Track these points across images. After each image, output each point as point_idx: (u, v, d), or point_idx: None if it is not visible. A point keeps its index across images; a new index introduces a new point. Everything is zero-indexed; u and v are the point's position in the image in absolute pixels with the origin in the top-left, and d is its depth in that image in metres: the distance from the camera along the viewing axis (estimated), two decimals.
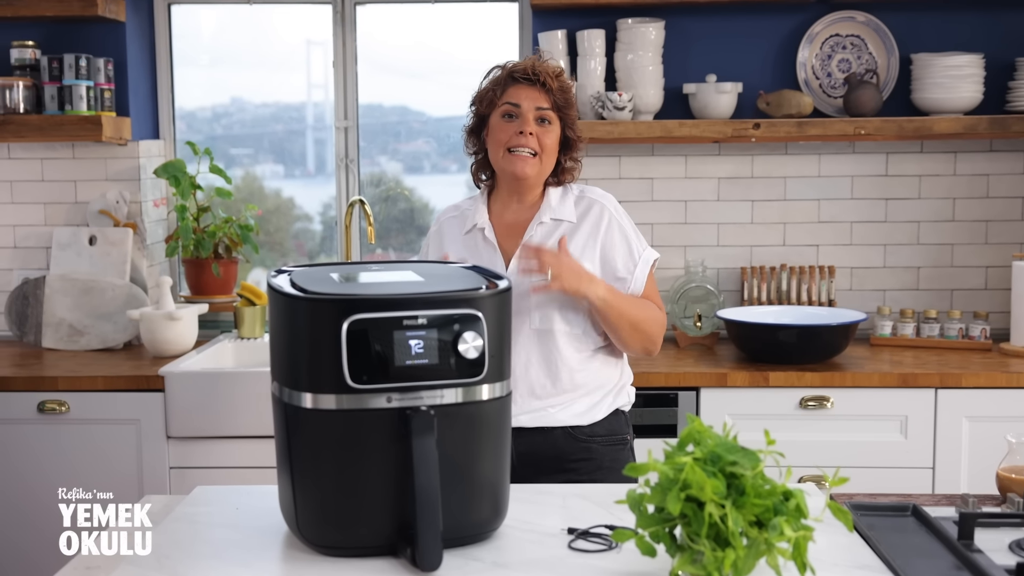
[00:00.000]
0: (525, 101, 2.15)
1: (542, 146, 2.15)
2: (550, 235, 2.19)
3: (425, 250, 2.32)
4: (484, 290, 1.51)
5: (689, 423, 1.40)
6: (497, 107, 2.18)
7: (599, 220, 2.19)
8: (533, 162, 2.15)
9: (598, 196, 2.24)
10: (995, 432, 2.70)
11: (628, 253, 2.20)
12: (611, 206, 2.23)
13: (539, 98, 2.16)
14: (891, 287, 3.48)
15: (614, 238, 2.19)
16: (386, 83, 3.74)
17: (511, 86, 2.18)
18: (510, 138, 2.15)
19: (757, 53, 3.41)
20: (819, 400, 2.92)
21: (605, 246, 2.18)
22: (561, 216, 2.20)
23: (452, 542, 1.49)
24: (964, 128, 3.20)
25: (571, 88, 2.22)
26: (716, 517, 1.28)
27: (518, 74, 2.17)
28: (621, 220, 2.22)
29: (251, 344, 3.34)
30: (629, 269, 2.19)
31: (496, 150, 2.18)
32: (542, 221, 2.20)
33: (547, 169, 2.19)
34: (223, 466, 2.91)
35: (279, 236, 3.94)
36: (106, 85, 3.34)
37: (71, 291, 3.35)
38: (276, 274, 1.59)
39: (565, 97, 2.18)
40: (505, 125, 2.16)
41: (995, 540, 1.54)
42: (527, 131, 2.14)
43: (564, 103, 2.18)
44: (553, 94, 2.16)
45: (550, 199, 2.22)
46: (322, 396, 1.45)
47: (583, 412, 2.16)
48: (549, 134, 2.16)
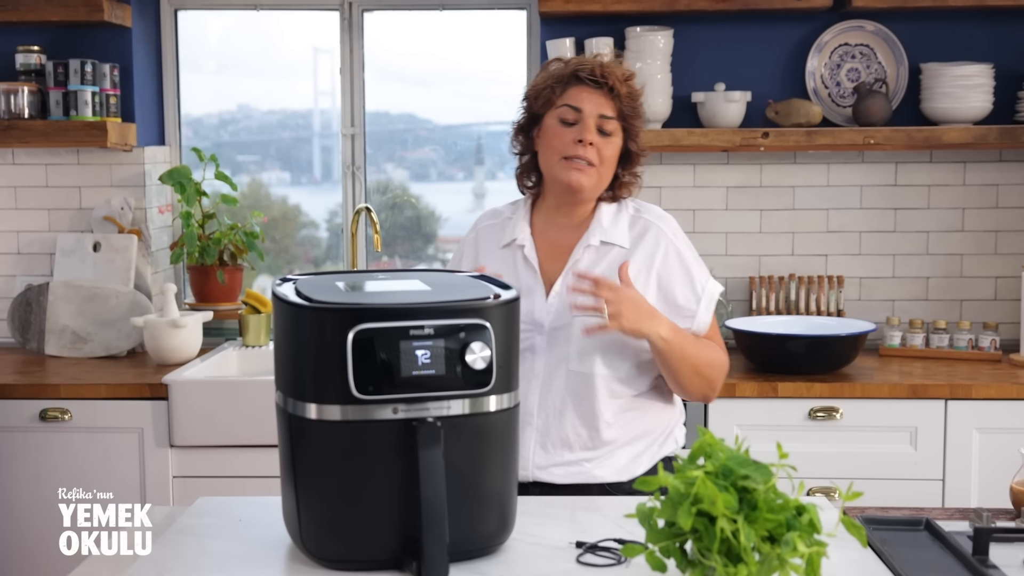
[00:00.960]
0: (588, 106, 1.92)
1: (601, 158, 1.93)
2: (599, 261, 1.96)
3: (458, 257, 2.10)
4: (492, 299, 1.49)
5: (700, 436, 1.38)
6: (554, 107, 1.94)
7: (655, 246, 1.96)
8: (590, 173, 1.92)
9: (655, 217, 2.00)
10: (1005, 444, 2.68)
11: (690, 286, 1.96)
12: (670, 230, 1.99)
13: (604, 104, 1.93)
14: (900, 297, 3.45)
15: (672, 268, 1.95)
16: (393, 91, 3.73)
17: (573, 86, 1.94)
18: (566, 146, 1.92)
19: (766, 62, 3.40)
20: (828, 411, 2.89)
21: (662, 277, 1.95)
22: (612, 239, 1.97)
23: (458, 556, 1.47)
24: (974, 138, 3.18)
25: (640, 95, 1.98)
26: (728, 532, 1.26)
27: (583, 73, 1.93)
28: (680, 247, 1.98)
29: (256, 352, 3.32)
30: (691, 305, 1.96)
31: (549, 156, 1.95)
32: (590, 244, 1.97)
33: (603, 183, 1.97)
34: (226, 475, 2.89)
35: (285, 243, 3.93)
36: (111, 91, 3.33)
37: (75, 298, 3.34)
38: (281, 282, 1.57)
39: (633, 105, 1.95)
40: (562, 130, 1.93)
41: (1010, 556, 1.52)
42: (586, 140, 1.91)
43: (631, 112, 1.95)
44: (620, 101, 1.93)
45: (601, 218, 1.99)
46: (327, 407, 1.43)
47: (624, 466, 1.93)
48: (610, 145, 1.94)
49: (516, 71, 3.58)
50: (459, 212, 3.84)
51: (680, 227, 2.02)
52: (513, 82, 3.60)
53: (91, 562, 1.53)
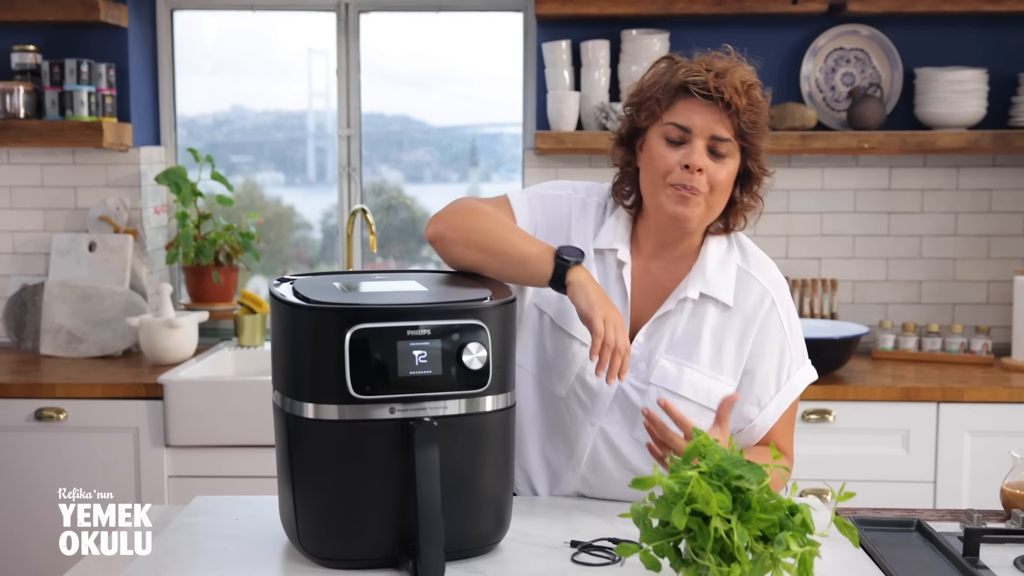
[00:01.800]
0: (698, 124, 1.63)
1: (712, 186, 1.64)
2: (693, 323, 1.70)
3: (524, 205, 1.76)
4: (489, 300, 1.50)
5: (694, 436, 1.39)
6: (659, 122, 1.66)
7: (756, 314, 1.70)
8: (696, 203, 1.64)
9: (767, 281, 1.72)
10: (997, 447, 2.70)
11: (775, 371, 1.70)
12: (779, 297, 1.72)
13: (718, 122, 1.63)
14: (893, 301, 3.47)
15: (767, 346, 1.70)
16: (388, 92, 3.73)
17: (681, 99, 1.65)
18: (671, 170, 1.64)
19: (761, 66, 3.39)
20: (821, 413, 2.91)
21: (754, 354, 1.70)
22: (714, 292, 1.70)
23: (454, 555, 1.47)
24: (967, 143, 3.20)
25: (764, 107, 1.67)
26: (722, 532, 1.27)
27: (694, 86, 1.63)
28: (785, 321, 1.71)
29: (251, 352, 3.33)
30: (766, 394, 1.71)
31: (651, 179, 1.67)
32: (686, 296, 1.70)
33: (714, 212, 1.68)
34: (223, 475, 2.89)
35: (279, 244, 3.93)
36: (107, 91, 3.34)
37: (70, 298, 3.34)
38: (279, 283, 1.58)
39: (754, 121, 1.65)
40: (667, 152, 1.65)
41: (1000, 556, 1.53)
42: (694, 167, 1.62)
43: (752, 130, 1.65)
44: (739, 117, 1.63)
45: (706, 261, 1.71)
46: (324, 406, 1.43)
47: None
48: (723, 170, 1.64)
49: (512, 73, 3.59)
50: None
51: (789, 292, 1.76)
52: (508, 85, 3.61)
53: (87, 561, 1.53)
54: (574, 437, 1.75)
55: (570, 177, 2.29)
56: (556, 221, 1.75)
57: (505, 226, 1.68)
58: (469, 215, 1.69)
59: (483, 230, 1.66)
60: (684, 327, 1.71)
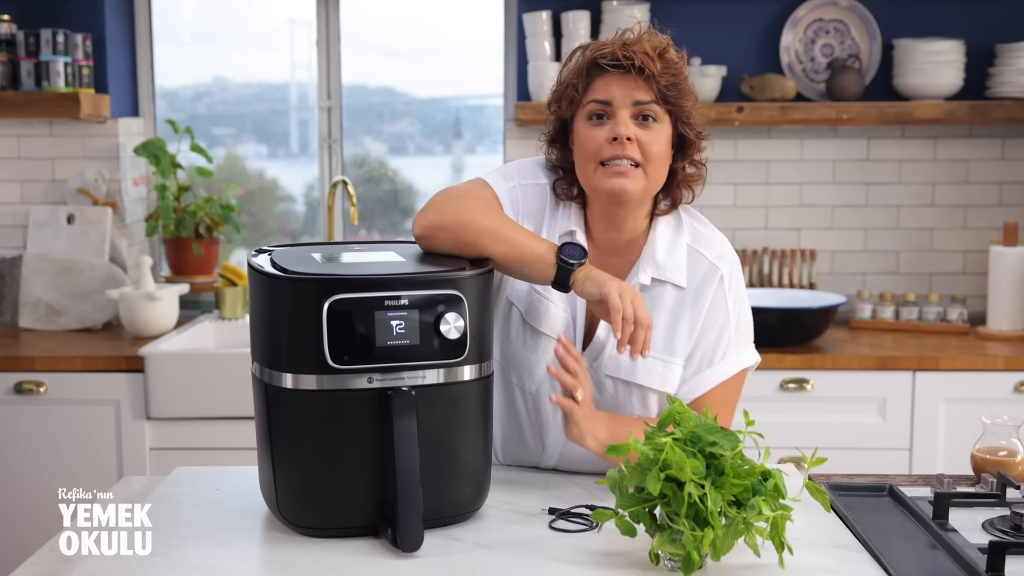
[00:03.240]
0: (617, 94, 1.60)
1: (646, 154, 1.60)
2: (650, 305, 1.66)
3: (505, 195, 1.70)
4: (467, 271, 1.51)
5: (670, 404, 1.41)
6: (582, 107, 1.64)
7: (704, 291, 1.67)
8: (635, 175, 1.60)
9: (715, 256, 1.69)
10: (971, 414, 2.72)
11: (713, 346, 1.67)
12: (728, 273, 1.69)
13: (637, 89, 1.60)
14: (871, 271, 3.50)
15: (710, 322, 1.67)
16: (370, 64, 3.72)
17: (596, 77, 1.62)
18: (600, 148, 1.60)
19: (741, 37, 3.41)
20: (799, 382, 2.94)
21: (700, 330, 1.68)
22: (667, 276, 1.67)
23: (433, 522, 1.49)
24: (944, 114, 3.22)
25: (681, 68, 1.64)
26: (695, 497, 1.29)
27: (604, 59, 1.61)
28: (731, 299, 1.69)
29: (232, 325, 3.33)
30: (691, 369, 1.68)
31: (584, 165, 1.63)
32: (640, 282, 1.67)
33: (655, 183, 1.64)
34: (203, 447, 2.90)
35: (262, 217, 3.92)
36: (84, 61, 3.31)
37: (49, 270, 3.33)
38: (257, 254, 1.58)
39: (673, 83, 1.61)
40: (593, 131, 1.61)
41: (969, 519, 1.56)
42: (622, 136, 1.59)
43: (673, 91, 1.61)
44: (656, 81, 1.60)
45: (655, 243, 1.68)
46: (303, 376, 1.44)
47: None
48: (655, 136, 1.61)
49: (494, 44, 3.58)
50: (437, 186, 3.79)
51: (740, 268, 1.74)
52: (491, 56, 3.60)
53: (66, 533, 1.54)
54: (545, 434, 1.75)
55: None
56: (532, 212, 1.70)
57: (499, 223, 1.59)
58: (458, 214, 1.59)
59: (478, 231, 1.58)
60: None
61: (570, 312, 1.70)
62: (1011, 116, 3.21)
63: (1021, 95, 3.23)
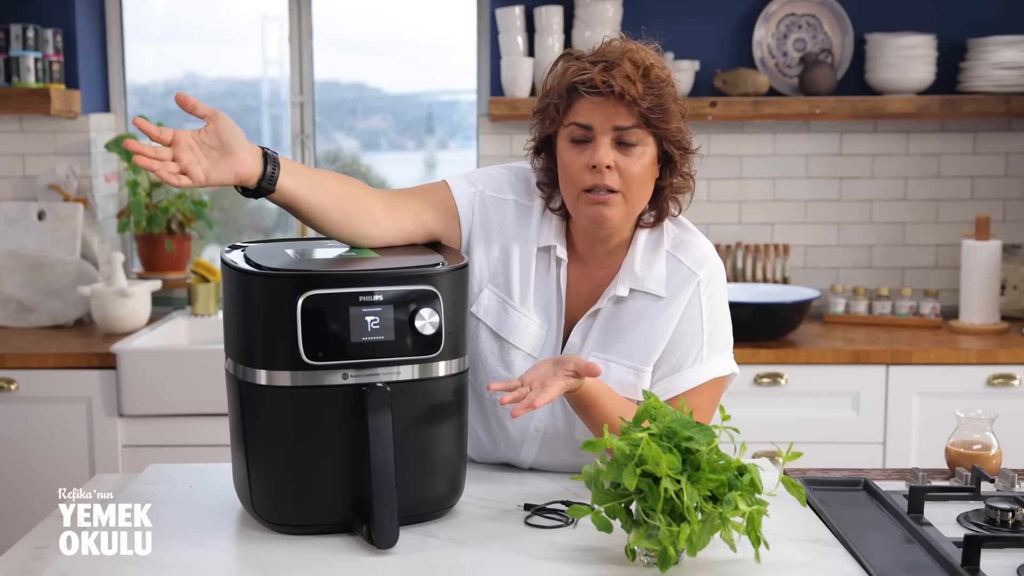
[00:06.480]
0: (598, 119, 1.57)
1: (626, 181, 1.58)
2: (628, 319, 1.66)
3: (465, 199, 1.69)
4: (441, 267, 1.50)
5: (645, 399, 1.41)
6: (563, 127, 1.61)
7: (680, 297, 1.66)
8: (615, 202, 1.59)
9: (692, 262, 1.67)
10: (944, 408, 2.75)
11: (685, 351, 1.65)
12: (705, 278, 1.67)
13: (617, 114, 1.56)
14: (844, 265, 3.52)
15: (684, 327, 1.65)
16: (342, 59, 3.70)
17: (577, 98, 1.59)
18: (582, 175, 1.58)
19: (714, 32, 3.42)
20: (773, 377, 2.95)
21: (673, 335, 1.66)
22: (645, 287, 1.66)
23: (408, 519, 1.48)
24: (916, 108, 3.24)
25: (666, 86, 1.59)
26: (671, 492, 1.29)
27: (583, 86, 1.57)
28: (706, 305, 1.67)
29: (205, 321, 3.31)
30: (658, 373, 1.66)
31: (567, 189, 1.62)
32: (617, 294, 1.66)
33: (636, 207, 1.62)
34: (176, 444, 2.88)
35: (234, 213, 3.90)
36: (55, 57, 3.27)
37: (19, 267, 3.29)
38: (230, 249, 1.57)
39: (659, 103, 1.57)
40: (575, 154, 1.59)
41: (944, 513, 1.57)
42: (601, 165, 1.56)
43: (656, 114, 1.57)
44: (638, 104, 1.56)
45: (635, 255, 1.66)
46: (277, 373, 1.43)
47: None
48: (636, 160, 1.58)
49: (467, 40, 3.57)
50: (410, 182, 3.83)
51: (722, 274, 1.71)
52: (464, 51, 3.59)
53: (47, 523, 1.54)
54: (519, 444, 1.74)
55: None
56: (490, 225, 1.69)
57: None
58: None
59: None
60: (616, 324, 1.67)
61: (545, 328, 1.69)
62: (982, 110, 3.24)
63: (992, 89, 3.26)
